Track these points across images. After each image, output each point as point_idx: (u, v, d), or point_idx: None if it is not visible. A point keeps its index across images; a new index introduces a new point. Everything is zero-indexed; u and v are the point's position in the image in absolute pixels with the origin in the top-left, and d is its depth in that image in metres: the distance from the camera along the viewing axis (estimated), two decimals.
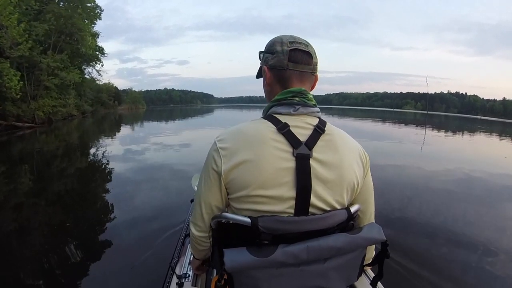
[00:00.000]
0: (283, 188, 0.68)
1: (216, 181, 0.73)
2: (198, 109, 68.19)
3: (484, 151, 10.15)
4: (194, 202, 0.83)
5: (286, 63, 0.75)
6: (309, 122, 0.74)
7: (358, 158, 0.78)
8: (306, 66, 0.76)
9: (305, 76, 0.77)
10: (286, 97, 0.75)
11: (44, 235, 2.83)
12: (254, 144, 0.69)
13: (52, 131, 14.20)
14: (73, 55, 19.89)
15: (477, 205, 3.76)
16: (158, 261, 1.99)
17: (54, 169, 5.99)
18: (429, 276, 2.03)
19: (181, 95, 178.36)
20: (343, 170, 0.73)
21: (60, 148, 9.04)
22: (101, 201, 3.90)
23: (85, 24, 19.66)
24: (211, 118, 28.29)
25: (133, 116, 31.56)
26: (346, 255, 0.72)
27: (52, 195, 4.24)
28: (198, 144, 8.56)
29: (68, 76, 17.20)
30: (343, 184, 0.73)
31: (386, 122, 23.92)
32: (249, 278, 0.65)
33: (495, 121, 42.88)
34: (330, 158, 0.72)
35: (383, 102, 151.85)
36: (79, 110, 24.98)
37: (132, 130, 15.81)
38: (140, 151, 7.61)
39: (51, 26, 15.62)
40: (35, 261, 2.28)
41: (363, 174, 0.79)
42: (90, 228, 3.02)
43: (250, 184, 0.68)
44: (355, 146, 0.79)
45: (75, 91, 22.07)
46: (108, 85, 45.92)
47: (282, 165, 0.68)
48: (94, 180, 5.22)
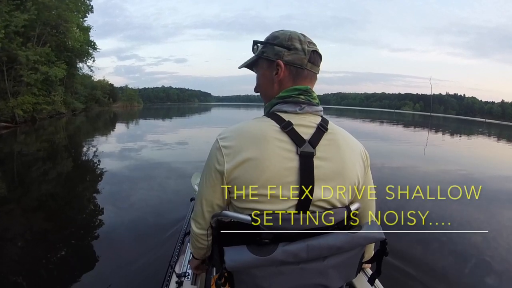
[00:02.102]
0: (286, 187, 0.68)
1: (218, 180, 0.71)
2: (196, 107, 67.88)
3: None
4: (195, 200, 0.81)
5: (306, 62, 0.74)
6: (312, 121, 0.74)
7: (359, 156, 0.77)
8: (317, 68, 0.77)
9: (314, 78, 0.78)
10: (291, 94, 0.74)
11: (41, 235, 2.73)
12: (258, 143, 0.68)
13: (35, 131, 13.11)
14: (59, 49, 18.50)
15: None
16: (158, 260, 2.00)
17: (39, 171, 5.52)
18: (426, 274, 2.07)
19: (179, 93, 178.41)
20: (346, 169, 0.73)
21: (42, 149, 8.26)
22: (97, 201, 3.72)
23: (73, 16, 18.14)
24: (207, 117, 27.71)
25: (128, 114, 30.92)
26: (346, 253, 0.72)
27: (32, 200, 3.86)
28: (196, 142, 8.55)
29: (51, 71, 15.72)
30: (345, 182, 0.73)
31: (396, 124, 22.95)
32: (249, 276, 0.65)
33: (503, 124, 41.93)
34: (333, 157, 0.71)
35: (381, 102, 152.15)
36: (69, 107, 23.83)
37: (127, 129, 15.24)
38: (136, 149, 7.42)
39: (31, 16, 14.21)
40: (34, 262, 2.23)
41: (364, 172, 0.79)
42: (89, 228, 2.92)
43: (253, 183, 0.67)
44: (356, 144, 0.79)
45: (63, 88, 20.78)
46: (103, 82, 45.06)
47: (286, 164, 0.68)
48: (86, 180, 4.99)
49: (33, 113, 15.81)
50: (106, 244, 2.51)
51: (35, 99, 15.41)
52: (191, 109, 50.06)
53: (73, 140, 10.68)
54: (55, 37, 17.90)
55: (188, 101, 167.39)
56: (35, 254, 2.35)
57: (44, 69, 15.06)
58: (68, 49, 20.16)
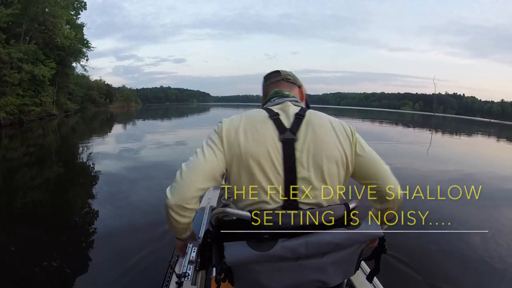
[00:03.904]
0: (271, 169, 0.72)
1: (218, 144, 0.76)
2: (194, 107, 67.60)
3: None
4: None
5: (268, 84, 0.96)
6: (291, 111, 0.80)
7: (340, 133, 0.78)
8: (274, 79, 0.94)
9: (280, 83, 0.93)
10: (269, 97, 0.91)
11: (40, 234, 2.69)
12: (251, 121, 0.78)
13: (22, 134, 12.27)
14: (49, 47, 17.43)
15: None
16: (158, 260, 2.00)
17: (24, 178, 5.19)
18: (426, 273, 2.07)
19: (177, 93, 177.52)
20: (327, 149, 0.75)
21: (28, 154, 7.69)
22: (95, 203, 3.66)
23: (62, 11, 17.00)
24: (206, 117, 26.75)
25: (125, 115, 30.08)
26: (344, 250, 0.72)
27: (17, 208, 3.64)
28: (195, 142, 8.47)
29: (36, 69, 14.66)
30: (330, 161, 0.75)
31: (407, 126, 22.04)
32: (249, 272, 0.67)
33: (505, 124, 41.09)
34: (312, 139, 0.75)
35: (380, 102, 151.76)
36: (62, 108, 22.83)
37: (123, 130, 14.77)
38: (134, 150, 7.34)
39: (15, 10, 13.17)
40: (32, 263, 2.20)
41: (350, 146, 0.79)
42: (87, 230, 2.89)
43: (243, 146, 0.73)
44: (335, 122, 0.80)
45: (54, 88, 19.73)
46: (99, 82, 44.13)
47: (271, 145, 0.73)
48: (79, 184, 4.85)
49: (20, 115, 14.79)
50: (106, 245, 2.51)
51: (20, 100, 14.38)
52: (190, 109, 49.60)
53: (63, 143, 10.11)
54: (43, 33, 16.83)
55: (187, 101, 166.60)
56: (35, 255, 2.32)
57: (28, 68, 13.97)
58: (59, 47, 19.09)
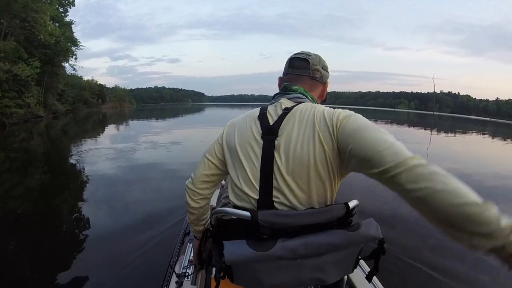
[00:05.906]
0: (251, 165, 0.75)
1: (218, 142, 0.84)
2: (189, 107, 66.67)
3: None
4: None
5: (288, 68, 0.89)
6: (283, 107, 0.79)
7: (321, 126, 0.74)
8: (297, 69, 0.87)
9: (298, 78, 0.87)
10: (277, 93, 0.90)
11: (37, 235, 2.63)
12: (245, 119, 0.82)
13: (4, 139, 11.09)
14: (33, 45, 16.41)
15: None
16: (158, 260, 2.00)
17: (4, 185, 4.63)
18: (425, 272, 2.08)
19: (172, 93, 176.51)
20: (303, 146, 0.72)
21: (8, 160, 6.83)
22: (93, 205, 3.51)
23: (46, 6, 15.92)
24: (201, 117, 25.89)
25: (118, 115, 28.91)
26: (343, 250, 0.72)
27: (9, 214, 3.25)
28: (191, 142, 8.50)
29: (15, 68, 13.66)
30: (305, 159, 0.72)
31: (414, 126, 21.25)
32: (248, 270, 0.67)
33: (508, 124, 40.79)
34: (289, 135, 0.74)
35: (376, 101, 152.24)
36: (50, 110, 21.83)
37: (116, 131, 13.91)
38: (130, 150, 7.12)
39: None
40: (32, 264, 2.15)
41: (329, 134, 0.72)
42: (86, 231, 2.80)
43: (233, 140, 0.79)
44: (318, 111, 0.76)
45: (41, 88, 18.73)
46: (92, 82, 43.02)
47: (254, 141, 0.76)
48: (70, 188, 4.55)
49: (2, 118, 13.77)
50: (106, 246, 2.44)
51: (0, 101, 13.38)
52: (185, 110, 48.67)
53: (52, 147, 9.17)
54: (25, 30, 15.79)
55: (182, 101, 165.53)
56: (34, 257, 2.25)
57: (5, 67, 12.99)
58: (45, 46, 18.05)
